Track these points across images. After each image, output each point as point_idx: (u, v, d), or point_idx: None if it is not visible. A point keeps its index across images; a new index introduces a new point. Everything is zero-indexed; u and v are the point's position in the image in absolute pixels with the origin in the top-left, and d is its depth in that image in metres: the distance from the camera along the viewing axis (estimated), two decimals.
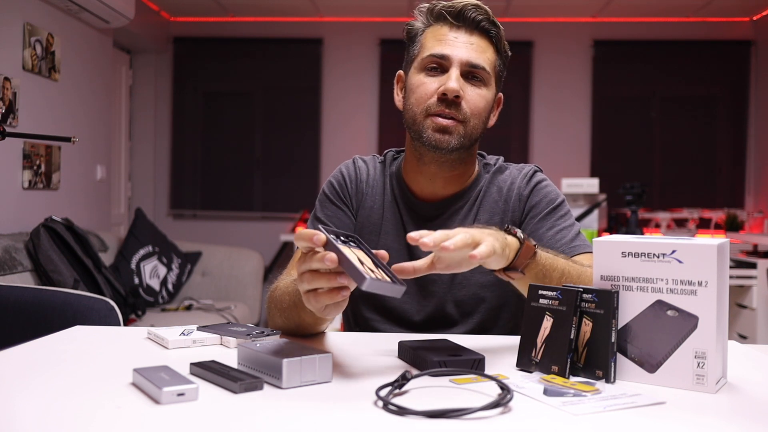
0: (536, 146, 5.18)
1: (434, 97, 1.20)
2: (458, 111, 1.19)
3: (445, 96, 1.18)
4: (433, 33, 1.23)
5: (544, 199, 1.28)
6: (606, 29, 5.17)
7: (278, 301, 1.12)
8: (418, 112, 1.21)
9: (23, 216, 3.12)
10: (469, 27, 1.21)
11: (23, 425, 0.67)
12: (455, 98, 1.18)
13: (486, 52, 1.22)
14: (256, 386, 0.78)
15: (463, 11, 1.20)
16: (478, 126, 1.23)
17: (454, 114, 1.19)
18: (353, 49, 5.23)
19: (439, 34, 1.22)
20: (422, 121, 1.21)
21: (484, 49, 1.22)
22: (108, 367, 0.91)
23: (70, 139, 2.09)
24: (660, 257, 0.83)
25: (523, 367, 0.90)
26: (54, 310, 2.10)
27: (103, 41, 4.01)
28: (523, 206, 1.28)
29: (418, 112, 1.21)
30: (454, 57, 1.19)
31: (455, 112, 1.19)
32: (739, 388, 0.83)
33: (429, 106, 1.20)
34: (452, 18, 1.21)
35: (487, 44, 1.23)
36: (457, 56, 1.19)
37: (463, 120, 1.20)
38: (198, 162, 5.34)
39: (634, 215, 3.60)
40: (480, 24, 1.21)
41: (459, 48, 1.20)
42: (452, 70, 1.19)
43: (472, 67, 1.20)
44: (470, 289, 1.25)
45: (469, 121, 1.20)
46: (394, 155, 1.38)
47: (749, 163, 5.14)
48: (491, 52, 1.23)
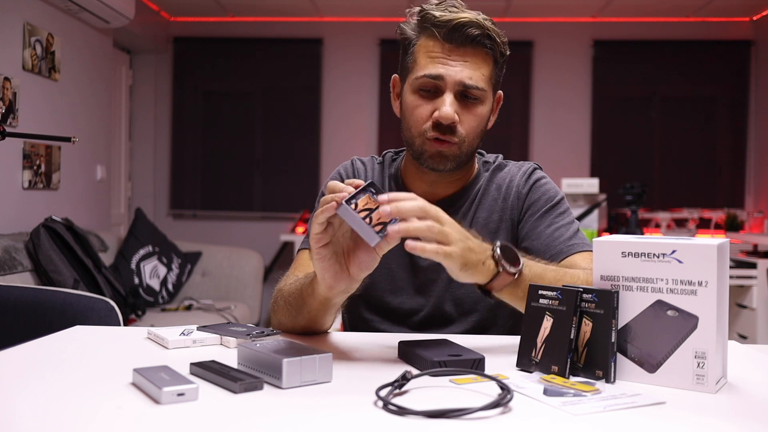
0: (536, 146, 5.17)
1: (429, 121, 1.18)
2: (454, 135, 1.18)
3: (440, 122, 1.17)
4: (426, 48, 1.18)
5: (543, 196, 1.27)
6: (606, 29, 5.17)
7: (285, 293, 1.12)
8: (415, 135, 1.21)
9: (23, 216, 3.12)
10: (463, 43, 1.16)
11: (23, 425, 0.67)
12: (451, 124, 1.17)
13: (481, 68, 1.18)
14: (256, 386, 0.78)
15: (455, 28, 1.14)
16: (474, 143, 1.23)
17: (449, 138, 1.18)
18: (353, 49, 5.23)
19: (432, 50, 1.17)
20: (420, 145, 1.21)
21: (479, 65, 1.17)
22: (108, 367, 0.90)
23: (70, 139, 2.09)
24: (660, 257, 0.83)
25: (523, 367, 0.90)
26: (54, 310, 2.10)
27: (103, 41, 4.01)
28: (521, 204, 1.28)
29: (415, 136, 1.21)
30: (447, 79, 1.15)
31: (450, 137, 1.18)
32: (739, 388, 0.83)
33: (425, 131, 1.19)
34: (443, 36, 1.15)
35: (483, 58, 1.18)
36: (450, 78, 1.15)
37: (459, 142, 1.19)
38: (198, 162, 5.34)
39: (634, 215, 3.60)
40: (476, 39, 1.16)
41: (452, 68, 1.15)
42: (446, 95, 1.16)
43: (466, 87, 1.16)
44: (469, 288, 1.25)
45: (465, 141, 1.20)
46: (393, 156, 1.38)
47: (749, 163, 5.14)
48: (487, 66, 1.19)
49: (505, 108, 1.34)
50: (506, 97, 1.34)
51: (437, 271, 1.24)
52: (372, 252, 0.92)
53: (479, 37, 1.16)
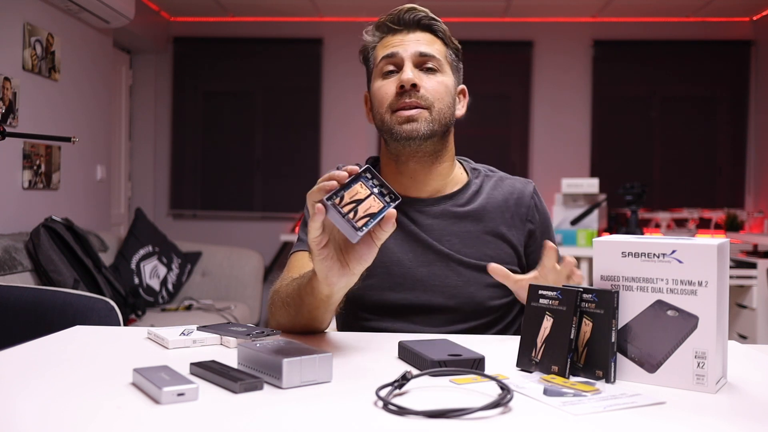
0: (536, 146, 5.17)
1: (394, 94, 1.24)
2: (419, 98, 1.23)
3: (403, 88, 1.22)
4: (382, 44, 1.29)
5: (547, 219, 1.36)
6: (606, 29, 5.17)
7: (283, 296, 1.13)
8: (383, 112, 1.26)
9: (23, 216, 3.12)
10: (412, 27, 1.27)
11: (23, 425, 0.67)
12: (413, 87, 1.22)
13: (434, 44, 1.27)
14: (256, 386, 0.78)
15: (400, 14, 1.27)
16: (444, 111, 1.25)
17: (415, 102, 1.22)
18: (353, 49, 5.18)
19: (387, 42, 1.28)
20: (389, 119, 1.24)
21: (431, 41, 1.27)
22: (108, 367, 0.90)
23: (70, 139, 2.09)
24: (660, 257, 0.83)
25: (523, 367, 0.90)
26: (54, 310, 2.10)
27: (103, 41, 4.01)
28: (535, 219, 1.33)
29: (384, 112, 1.25)
30: (404, 53, 1.25)
31: (416, 100, 1.22)
32: (739, 388, 0.83)
33: (391, 104, 1.24)
34: (394, 24, 1.27)
35: (433, 38, 1.28)
36: (406, 52, 1.25)
37: (427, 106, 1.23)
38: (198, 162, 5.34)
39: (634, 215, 3.60)
40: (420, 22, 1.27)
41: (407, 44, 1.26)
42: (405, 64, 1.24)
43: (422, 56, 1.24)
44: (465, 278, 1.26)
45: (434, 105, 1.24)
46: (373, 161, 1.40)
47: (749, 163, 5.14)
48: (439, 44, 1.28)
49: (505, 108, 1.36)
50: (506, 97, 1.35)
51: (431, 263, 1.25)
52: (370, 243, 0.92)
53: (424, 18, 1.28)
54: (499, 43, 5.13)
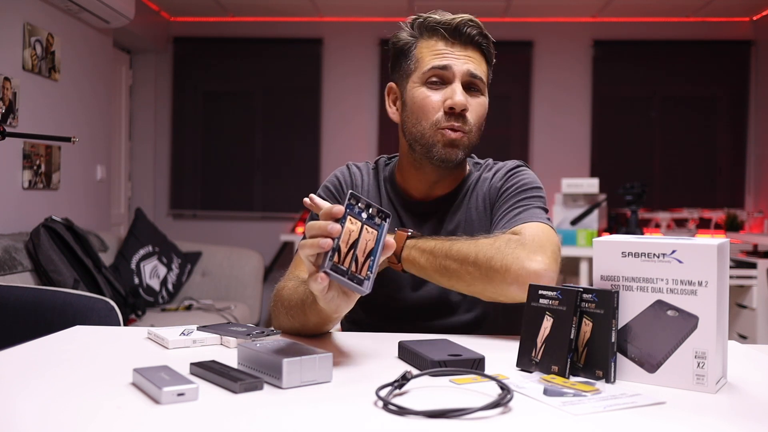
0: (536, 146, 5.17)
1: (441, 111, 1.22)
2: (465, 123, 1.22)
3: (453, 110, 1.21)
4: (428, 47, 1.24)
5: (516, 183, 1.27)
6: (606, 29, 5.17)
7: (285, 300, 1.13)
8: (426, 127, 1.23)
9: (23, 216, 3.12)
10: (465, 42, 1.23)
11: (23, 425, 0.67)
12: (462, 111, 1.21)
13: (481, 64, 1.26)
14: (256, 386, 0.78)
15: (459, 27, 1.22)
16: (478, 135, 1.26)
17: (461, 127, 1.22)
18: (353, 49, 5.23)
19: (434, 48, 1.23)
20: (432, 135, 1.22)
21: (479, 61, 1.25)
22: (108, 367, 0.91)
23: (70, 139, 2.09)
24: (660, 257, 0.83)
25: (523, 367, 0.90)
26: (54, 310, 2.10)
27: (103, 41, 4.01)
28: (496, 192, 1.28)
29: (427, 127, 1.23)
30: (455, 69, 1.22)
31: (462, 125, 1.22)
32: (739, 388, 0.83)
33: (438, 120, 1.22)
34: (448, 34, 1.23)
35: (481, 57, 1.26)
36: (458, 68, 1.22)
37: (468, 131, 1.23)
38: (198, 162, 5.34)
39: (634, 215, 3.60)
40: (474, 39, 1.24)
41: (460, 60, 1.22)
42: (455, 83, 1.21)
43: (472, 76, 1.22)
44: None
45: (473, 131, 1.24)
46: (386, 161, 1.40)
47: (749, 163, 5.14)
48: (484, 64, 1.27)
49: (505, 108, 1.36)
50: (506, 97, 1.36)
51: None
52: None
53: (477, 36, 1.24)
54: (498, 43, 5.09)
